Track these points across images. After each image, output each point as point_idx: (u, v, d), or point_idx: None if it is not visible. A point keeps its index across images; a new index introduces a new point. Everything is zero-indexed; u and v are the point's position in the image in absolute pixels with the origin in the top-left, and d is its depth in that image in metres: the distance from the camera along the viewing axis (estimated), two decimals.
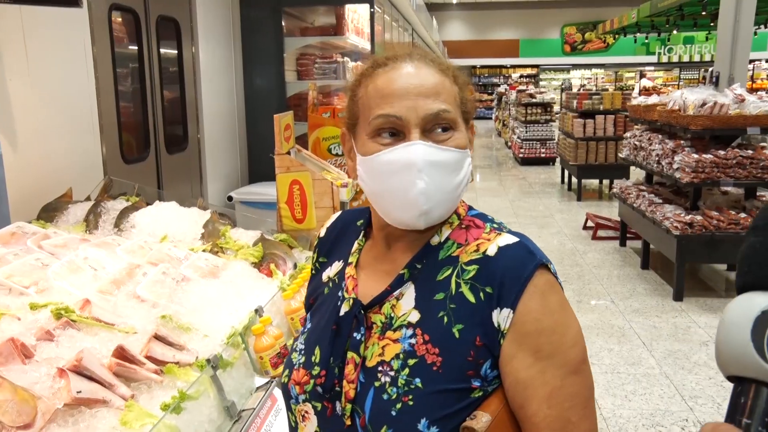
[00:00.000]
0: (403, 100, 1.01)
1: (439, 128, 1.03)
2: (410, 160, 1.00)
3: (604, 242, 7.54)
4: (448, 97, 1.04)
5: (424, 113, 1.01)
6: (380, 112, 1.02)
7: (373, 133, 1.04)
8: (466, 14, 26.18)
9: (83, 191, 2.88)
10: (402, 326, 1.03)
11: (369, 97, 1.05)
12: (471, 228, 1.09)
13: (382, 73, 1.06)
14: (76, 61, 3.06)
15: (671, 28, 13.27)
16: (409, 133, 1.01)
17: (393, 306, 1.05)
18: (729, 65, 6.84)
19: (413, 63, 1.06)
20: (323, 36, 5.82)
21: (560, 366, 0.97)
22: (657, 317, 5.16)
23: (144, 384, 1.57)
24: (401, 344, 1.01)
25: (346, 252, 1.20)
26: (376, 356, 1.02)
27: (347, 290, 1.11)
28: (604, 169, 10.18)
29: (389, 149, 1.02)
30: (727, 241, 5.31)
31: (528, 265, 0.99)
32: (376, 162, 1.03)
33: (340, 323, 1.08)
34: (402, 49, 1.11)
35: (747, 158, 5.31)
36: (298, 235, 2.97)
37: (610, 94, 10.30)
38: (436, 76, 1.05)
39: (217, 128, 4.77)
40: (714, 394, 3.90)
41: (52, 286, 1.89)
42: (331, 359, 1.06)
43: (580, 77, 25.65)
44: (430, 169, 1.00)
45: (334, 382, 1.04)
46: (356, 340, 1.04)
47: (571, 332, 0.99)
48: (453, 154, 1.03)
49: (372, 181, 1.05)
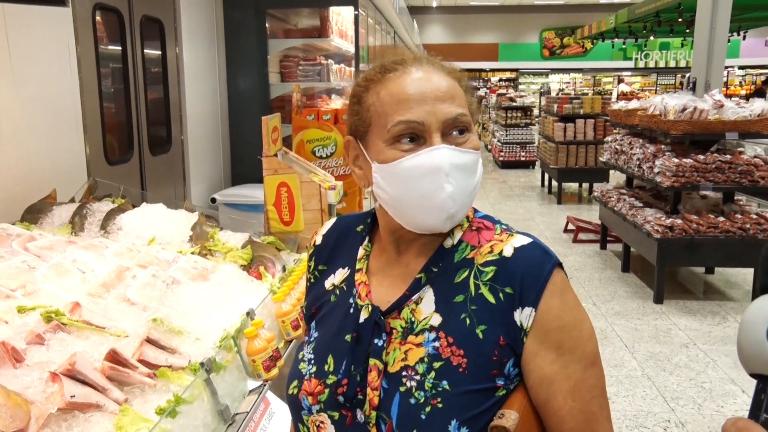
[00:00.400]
0: (422, 105, 1.01)
1: (456, 131, 1.03)
2: (437, 165, 1.00)
3: (585, 245, 7.61)
4: (461, 100, 1.05)
5: (444, 117, 1.02)
6: (401, 119, 1.01)
7: (392, 140, 1.03)
8: (446, 18, 26.29)
9: (67, 193, 2.84)
10: (424, 330, 1.03)
11: (383, 103, 1.04)
12: (482, 230, 1.10)
13: (393, 78, 1.05)
14: (59, 61, 3.02)
15: (648, 34, 13.44)
16: (430, 138, 1.01)
17: (413, 310, 1.05)
18: (705, 71, 6.97)
19: (423, 67, 1.06)
20: (307, 38, 5.81)
21: (580, 359, 1.00)
22: (638, 320, 5.22)
23: (137, 388, 1.55)
24: (425, 348, 1.01)
25: (350, 258, 1.18)
26: (399, 361, 1.02)
27: (360, 297, 1.10)
28: (584, 173, 10.28)
29: (412, 155, 1.01)
30: (707, 245, 5.39)
31: (546, 264, 1.02)
32: (399, 168, 1.02)
33: (360, 330, 1.07)
34: (407, 53, 1.11)
35: (726, 163, 5.39)
36: (285, 237, 2.96)
37: (590, 98, 10.40)
38: (448, 79, 1.06)
39: (200, 129, 4.73)
40: (695, 395, 3.95)
41: (40, 289, 1.86)
42: (352, 367, 1.04)
43: (558, 81, 25.88)
44: (455, 172, 1.01)
45: (356, 390, 1.03)
46: (378, 347, 1.04)
47: (587, 326, 1.03)
48: (472, 156, 1.04)
49: (393, 188, 1.04)
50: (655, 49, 23.57)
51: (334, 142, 4.71)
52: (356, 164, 1.12)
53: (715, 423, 3.64)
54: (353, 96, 1.11)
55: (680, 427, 3.61)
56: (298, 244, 2.96)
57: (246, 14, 5.18)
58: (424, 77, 1.04)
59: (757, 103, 5.50)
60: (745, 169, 5.37)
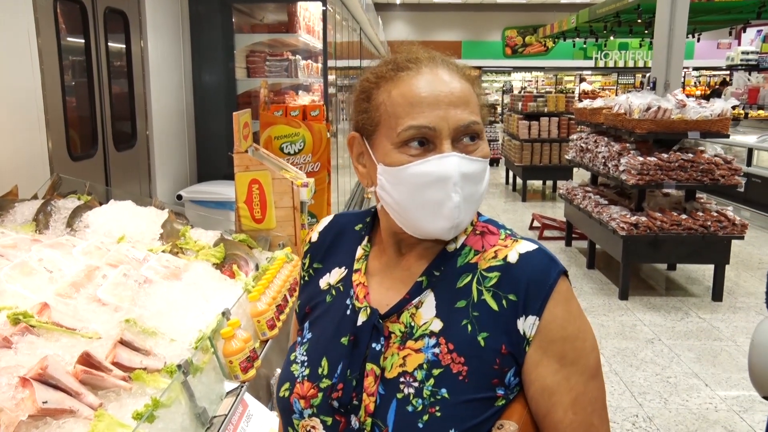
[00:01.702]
0: (434, 110, 0.97)
1: (467, 137, 0.99)
2: (446, 174, 0.96)
3: (550, 242, 7.69)
4: (474, 106, 1.01)
5: (456, 124, 0.98)
6: (412, 123, 0.97)
7: (400, 143, 0.99)
8: (409, 15, 26.30)
9: (29, 189, 2.74)
10: (424, 335, 0.99)
11: (394, 104, 1.00)
12: (486, 234, 1.07)
13: (406, 78, 1.00)
14: (19, 53, 2.91)
15: (608, 34, 13.67)
16: (440, 144, 0.97)
17: (412, 315, 1.02)
18: (665, 71, 7.13)
19: (438, 68, 1.01)
20: (274, 33, 5.73)
21: (583, 372, 0.97)
22: (604, 316, 5.29)
23: (112, 392, 1.49)
24: (424, 354, 0.98)
25: (347, 258, 1.15)
26: (397, 367, 0.99)
27: (358, 298, 1.07)
28: (548, 171, 10.40)
29: (421, 161, 0.97)
30: (669, 242, 5.49)
31: (551, 272, 0.99)
32: (406, 174, 0.98)
33: (357, 334, 1.03)
34: (422, 51, 1.05)
35: (688, 161, 5.50)
36: (257, 235, 2.91)
37: (554, 96, 10.52)
38: (463, 83, 1.01)
39: (165, 125, 4.63)
40: (661, 390, 4.01)
41: (5, 290, 1.78)
42: (348, 371, 1.01)
43: (521, 80, 26.13)
44: (464, 181, 0.97)
45: (351, 395, 0.99)
46: (376, 351, 1.00)
47: (590, 338, 1.01)
48: (481, 164, 1.00)
49: (398, 193, 1.00)
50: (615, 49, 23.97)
51: (302, 138, 4.66)
52: (360, 162, 1.08)
53: (681, 416, 3.71)
54: (362, 92, 1.06)
55: (648, 421, 3.66)
56: (270, 242, 2.91)
57: (211, 8, 5.08)
58: (439, 79, 0.99)
59: (717, 103, 5.62)
60: (706, 167, 5.49)
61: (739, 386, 4.02)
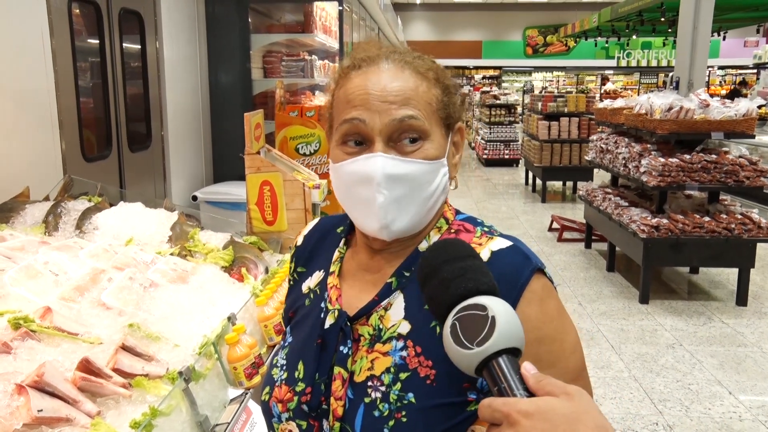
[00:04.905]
0: (367, 105, 0.96)
1: (407, 139, 0.97)
2: (369, 174, 0.96)
3: (570, 244, 7.58)
4: (420, 102, 0.98)
5: (388, 119, 0.96)
6: (345, 117, 0.98)
7: (340, 140, 1.00)
8: (429, 14, 26.24)
9: (41, 191, 2.73)
10: (392, 338, 0.98)
11: (338, 102, 1.01)
12: (461, 232, 1.05)
13: (354, 76, 1.00)
14: (33, 55, 2.90)
15: (631, 33, 13.50)
16: (372, 144, 0.97)
17: (381, 317, 1.00)
18: (688, 71, 6.99)
19: (387, 65, 1.00)
20: (291, 33, 5.71)
21: (561, 375, 0.91)
22: (624, 320, 5.19)
23: (111, 399, 1.46)
24: (392, 357, 0.96)
25: (326, 261, 1.14)
26: (365, 371, 0.97)
27: (330, 301, 1.05)
28: (568, 171, 10.27)
29: (352, 159, 0.98)
30: (691, 245, 5.38)
31: (524, 270, 0.95)
32: (341, 171, 1.00)
33: (325, 336, 1.02)
34: (379, 48, 1.04)
35: (711, 163, 5.38)
36: (268, 237, 2.87)
37: (574, 96, 10.39)
38: (410, 79, 0.99)
39: (181, 126, 4.62)
40: (682, 397, 3.92)
41: (9, 293, 1.76)
42: (316, 375, 0.99)
43: (541, 79, 25.94)
44: (390, 183, 0.96)
45: (320, 399, 0.98)
46: (343, 354, 0.99)
47: (570, 339, 0.97)
48: (419, 167, 0.97)
49: (338, 190, 1.03)
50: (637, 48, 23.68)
51: (318, 139, 4.63)
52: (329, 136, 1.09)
53: (703, 425, 3.62)
54: (328, 92, 1.07)
55: (668, 430, 3.57)
56: (281, 245, 2.87)
57: (228, 8, 5.08)
58: (381, 77, 0.98)
59: (742, 102, 5.50)
60: (730, 168, 5.37)
61: (764, 394, 3.90)
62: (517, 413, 0.68)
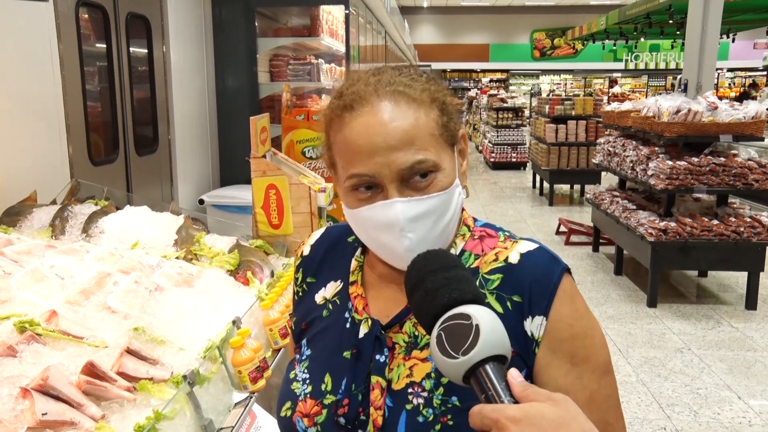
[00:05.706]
0: (373, 157, 0.93)
1: (418, 176, 0.95)
2: (390, 221, 0.95)
3: (577, 248, 7.56)
4: (424, 138, 0.95)
5: (398, 168, 0.93)
6: (353, 172, 0.95)
7: (350, 188, 0.98)
8: (436, 18, 26.24)
9: (48, 194, 2.75)
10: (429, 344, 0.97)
11: (340, 150, 0.98)
12: (485, 238, 1.06)
13: (349, 120, 0.96)
14: (41, 59, 2.92)
15: (638, 35, 13.46)
16: (385, 188, 0.95)
17: (415, 324, 1.00)
18: (697, 73, 6.96)
19: (381, 103, 0.95)
20: (297, 37, 5.72)
21: (595, 369, 0.96)
22: (632, 323, 5.17)
23: (116, 403, 1.46)
24: (431, 363, 0.96)
25: (342, 271, 1.12)
26: (404, 378, 0.97)
27: (357, 311, 1.05)
28: (575, 175, 10.24)
29: (369, 206, 0.96)
30: (699, 248, 5.34)
31: (555, 270, 0.98)
32: (359, 217, 0.99)
33: (359, 346, 1.01)
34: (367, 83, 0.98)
35: (719, 165, 5.35)
36: (274, 241, 2.87)
37: (581, 99, 10.37)
38: (408, 112, 0.95)
39: (188, 129, 4.64)
40: (690, 402, 3.89)
41: (15, 297, 1.77)
42: (353, 386, 0.99)
43: (549, 82, 25.91)
44: (413, 224, 0.95)
45: (358, 410, 0.97)
46: (380, 363, 0.99)
47: (599, 334, 1.00)
48: (436, 200, 0.96)
49: (358, 231, 1.02)
50: (645, 51, 23.62)
51: None
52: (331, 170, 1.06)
53: (712, 430, 3.59)
54: (322, 125, 1.04)
55: None
56: (287, 248, 2.87)
57: (235, 12, 5.09)
58: (377, 122, 0.94)
59: (751, 105, 5.46)
60: (739, 171, 5.33)
61: None
62: (505, 419, 0.70)
